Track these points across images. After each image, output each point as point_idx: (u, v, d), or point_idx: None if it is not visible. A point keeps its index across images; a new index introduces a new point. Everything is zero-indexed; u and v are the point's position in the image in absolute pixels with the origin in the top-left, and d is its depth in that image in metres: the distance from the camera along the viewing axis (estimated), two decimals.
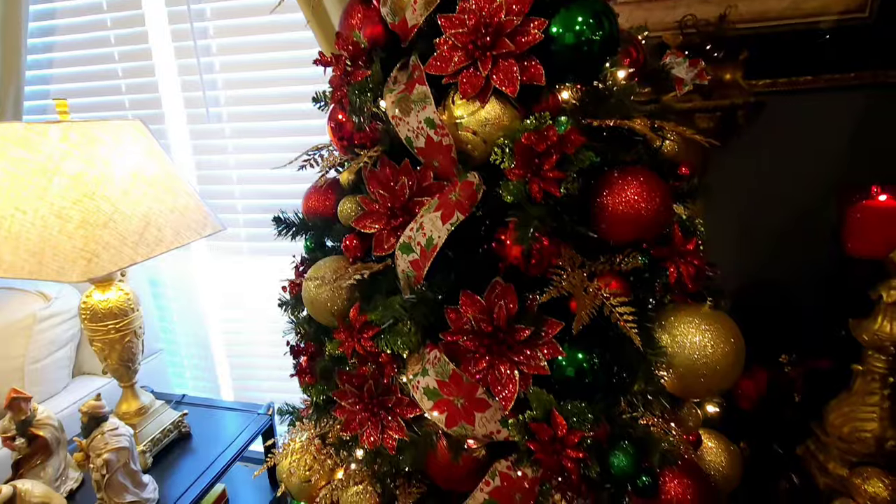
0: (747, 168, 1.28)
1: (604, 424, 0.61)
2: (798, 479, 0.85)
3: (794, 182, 1.23)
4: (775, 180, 1.25)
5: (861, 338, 0.78)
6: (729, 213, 1.32)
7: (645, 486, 0.63)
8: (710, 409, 0.83)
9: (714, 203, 1.33)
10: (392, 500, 0.73)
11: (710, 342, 0.62)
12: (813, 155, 1.21)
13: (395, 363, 0.69)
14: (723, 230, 1.34)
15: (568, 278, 0.60)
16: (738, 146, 1.27)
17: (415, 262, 0.64)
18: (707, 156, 1.30)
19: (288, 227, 0.83)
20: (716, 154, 1.30)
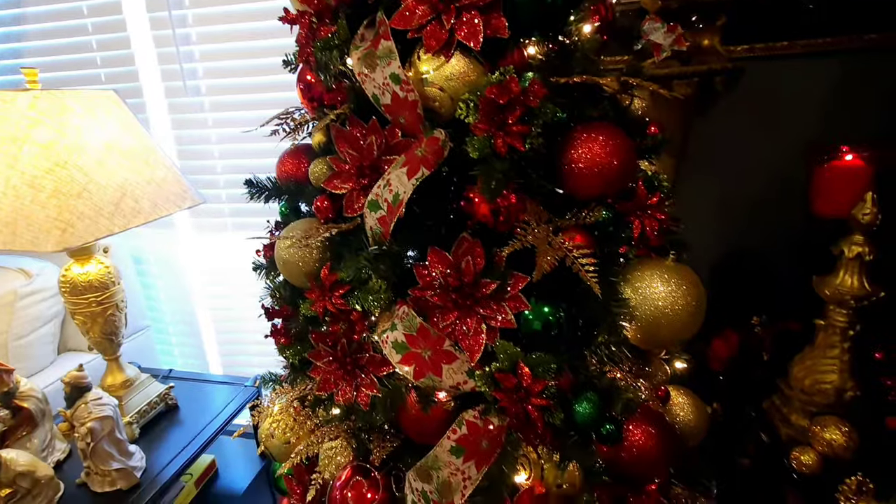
0: (726, 135, 1.28)
1: (567, 374, 0.63)
2: (763, 432, 0.88)
3: (772, 148, 1.24)
4: (753, 146, 1.26)
5: (823, 293, 0.80)
6: (709, 180, 1.33)
7: (609, 434, 0.65)
8: (679, 366, 0.85)
9: (694, 170, 1.35)
10: (367, 454, 0.75)
11: (671, 293, 0.64)
12: (790, 120, 1.22)
13: (365, 321, 0.70)
14: (703, 197, 1.35)
15: (533, 233, 0.61)
16: (717, 113, 1.28)
17: (382, 219, 0.64)
18: (688, 124, 1.31)
19: (260, 191, 0.83)
20: (696, 122, 1.31)
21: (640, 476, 0.70)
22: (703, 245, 1.36)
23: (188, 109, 1.67)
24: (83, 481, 1.16)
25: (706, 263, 1.36)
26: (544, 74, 0.63)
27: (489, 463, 0.62)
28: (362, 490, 0.72)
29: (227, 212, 1.76)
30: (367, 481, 0.73)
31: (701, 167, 1.31)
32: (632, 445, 0.66)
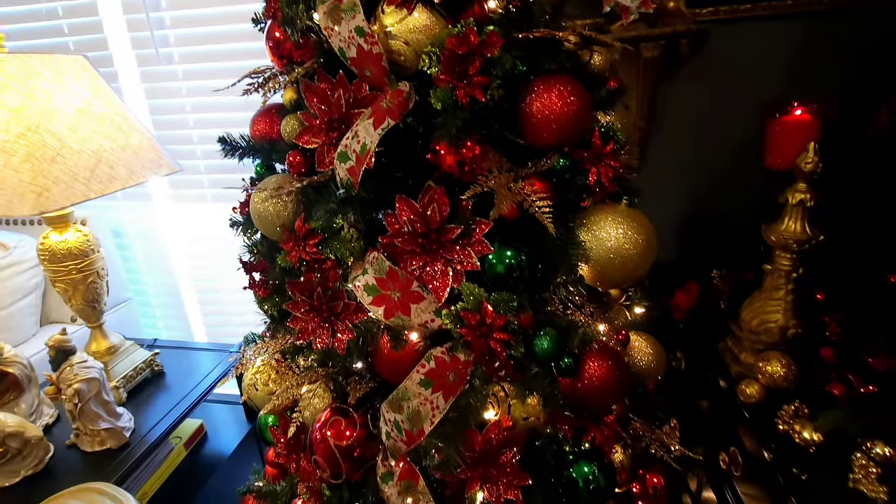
0: (692, 97, 1.32)
1: (528, 312, 0.68)
2: (716, 371, 0.95)
3: (735, 108, 1.28)
4: (717, 107, 1.30)
5: (770, 239, 0.86)
6: (677, 141, 1.37)
7: (567, 367, 0.70)
8: (638, 311, 0.91)
9: (662, 132, 1.39)
10: (344, 397, 0.79)
11: (624, 236, 0.68)
12: (752, 81, 1.26)
13: (339, 269, 0.73)
14: (672, 158, 1.40)
15: (494, 179, 0.65)
16: (684, 76, 1.31)
17: (351, 169, 0.67)
18: (656, 87, 1.35)
19: (234, 149, 0.85)
20: (663, 85, 1.35)
21: (598, 407, 0.76)
22: (671, 204, 1.42)
23: (161, 78, 1.65)
24: (73, 442, 1.20)
25: (675, 221, 1.41)
26: (504, 28, 0.66)
27: (456, 394, 0.67)
28: (340, 428, 0.77)
29: (206, 182, 1.77)
30: (346, 420, 0.77)
31: (669, 129, 1.36)
32: (589, 378, 0.72)
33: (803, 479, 0.70)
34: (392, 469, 0.74)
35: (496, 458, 0.75)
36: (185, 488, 1.41)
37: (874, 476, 0.64)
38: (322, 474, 0.78)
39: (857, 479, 0.65)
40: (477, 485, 0.75)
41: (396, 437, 0.69)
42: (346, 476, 0.77)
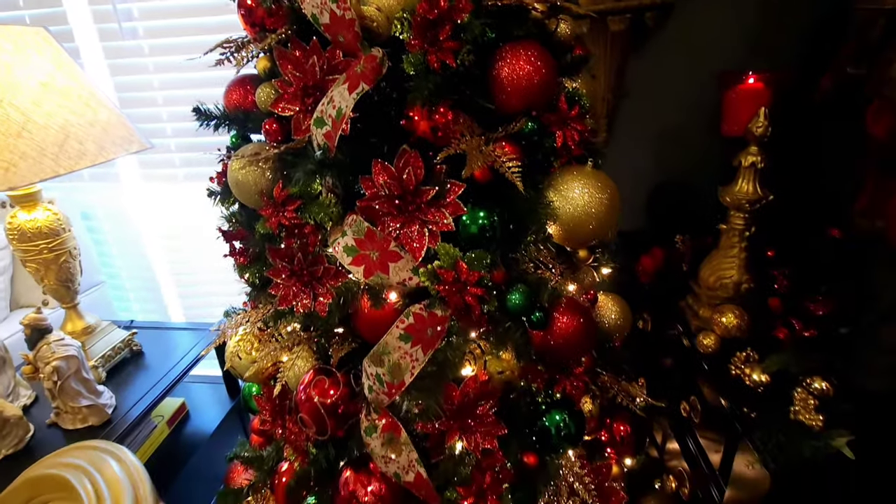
0: (658, 69, 1.37)
1: (501, 269, 0.72)
2: (678, 327, 1.02)
3: (698, 80, 1.32)
4: (682, 79, 1.34)
5: (725, 200, 0.92)
6: (645, 112, 1.42)
7: (538, 320, 0.75)
8: (605, 272, 0.96)
9: (631, 104, 1.43)
10: (327, 359, 0.82)
11: (590, 196, 0.73)
12: (714, 54, 1.31)
13: (318, 234, 0.75)
14: (640, 129, 1.45)
15: (466, 142, 0.68)
16: (650, 49, 1.36)
17: (328, 134, 0.69)
18: (624, 59, 1.39)
19: (208, 119, 0.85)
20: (631, 58, 1.39)
21: (567, 359, 0.81)
22: (638, 174, 1.48)
23: (126, 54, 1.61)
24: (53, 421, 1.20)
25: (642, 190, 1.47)
26: None
27: (434, 348, 0.71)
28: (324, 386, 0.80)
29: (177, 161, 1.74)
30: (329, 379, 0.81)
31: (635, 100, 1.41)
32: (558, 330, 0.76)
33: (752, 416, 0.77)
34: (375, 423, 0.77)
35: (474, 410, 0.80)
36: (169, 466, 1.43)
37: (812, 407, 0.72)
38: (308, 432, 0.81)
39: (798, 410, 0.73)
40: (456, 435, 0.79)
41: (378, 390, 0.73)
42: (331, 432, 0.80)
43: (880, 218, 0.67)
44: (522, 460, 0.83)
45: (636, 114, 1.42)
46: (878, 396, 0.75)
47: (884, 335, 0.75)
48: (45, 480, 0.66)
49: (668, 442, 1.23)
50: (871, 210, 0.69)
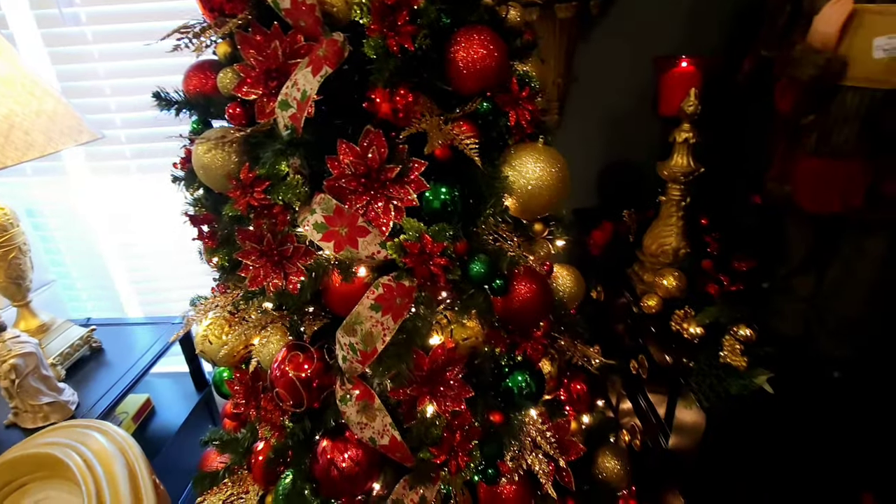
0: (603, 55, 1.45)
1: (463, 241, 0.77)
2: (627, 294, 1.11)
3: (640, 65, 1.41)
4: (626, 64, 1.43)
5: (662, 174, 1.01)
6: (593, 97, 1.50)
7: (498, 287, 0.81)
8: (559, 244, 1.03)
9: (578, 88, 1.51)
10: (299, 337, 0.86)
11: (542, 170, 0.79)
12: (655, 39, 1.40)
13: (287, 214, 0.78)
14: (590, 114, 1.53)
15: (426, 121, 0.73)
16: (595, 35, 1.44)
17: (293, 116, 0.72)
18: (571, 47, 1.46)
19: (169, 104, 0.85)
20: (579, 44, 1.46)
21: (527, 323, 0.88)
22: (589, 154, 1.57)
23: (68, 41, 1.54)
24: (12, 421, 1.16)
25: (593, 170, 1.56)
26: None
27: (403, 316, 0.76)
28: (299, 361, 0.83)
29: (128, 153, 1.69)
30: (304, 354, 0.84)
31: (584, 85, 1.49)
32: (517, 296, 0.83)
33: (690, 365, 0.87)
34: (350, 392, 0.82)
35: (442, 376, 0.85)
36: None
37: (738, 351, 0.82)
38: (284, 405, 0.84)
39: (726, 355, 0.82)
40: (427, 400, 0.85)
41: (352, 359, 0.77)
42: (307, 405, 0.83)
43: (788, 183, 0.77)
44: (489, 419, 0.89)
45: (585, 97, 1.50)
46: (792, 339, 0.86)
47: (795, 286, 0.86)
48: (24, 461, 0.66)
49: (622, 402, 1.33)
50: (780, 176, 0.79)
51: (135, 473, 0.54)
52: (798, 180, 0.75)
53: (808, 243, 0.82)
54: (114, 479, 0.52)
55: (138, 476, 0.54)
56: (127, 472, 0.53)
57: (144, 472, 0.55)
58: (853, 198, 0.68)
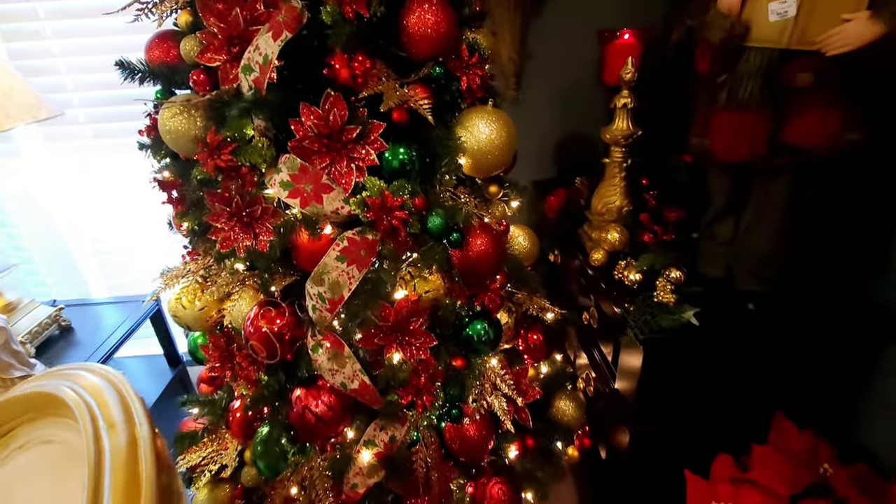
0: (556, 30, 1.52)
1: (421, 196, 0.84)
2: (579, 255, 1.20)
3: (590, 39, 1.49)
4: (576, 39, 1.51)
5: (605, 137, 1.10)
6: (548, 71, 1.58)
7: (455, 240, 0.88)
8: (514, 205, 1.11)
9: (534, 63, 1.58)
10: (269, 293, 0.91)
11: (492, 131, 0.86)
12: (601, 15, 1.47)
13: (254, 176, 0.83)
14: (545, 87, 1.61)
15: (383, 85, 0.78)
16: (548, 12, 1.51)
17: (256, 80, 0.76)
18: (526, 22, 1.53)
19: (133, 73, 0.88)
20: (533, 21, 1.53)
21: (483, 274, 0.95)
22: (545, 127, 1.65)
23: (17, 18, 1.51)
24: None
25: (549, 142, 1.65)
26: None
27: (367, 266, 0.82)
28: (271, 316, 0.88)
29: (88, 133, 1.67)
30: (276, 310, 0.89)
31: (540, 60, 1.56)
32: (473, 249, 0.90)
33: (630, 307, 0.96)
34: (321, 342, 0.88)
35: (407, 326, 0.92)
36: None
37: (669, 291, 0.92)
38: (259, 357, 0.89)
39: (659, 294, 0.93)
40: (394, 348, 0.92)
41: (321, 307, 0.83)
42: (280, 356, 0.89)
43: (707, 137, 0.87)
44: (452, 364, 0.97)
45: (540, 72, 1.58)
46: (715, 279, 0.97)
47: (717, 231, 0.96)
48: (9, 405, 0.67)
49: (580, 357, 1.44)
50: (701, 132, 0.88)
51: (126, 402, 0.58)
52: (713, 133, 0.85)
53: (726, 192, 0.92)
54: (106, 407, 0.56)
55: (129, 404, 0.58)
56: (119, 400, 0.58)
57: (135, 400, 0.59)
58: (758, 146, 0.78)
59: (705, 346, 0.93)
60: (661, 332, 0.90)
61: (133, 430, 0.56)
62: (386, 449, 0.93)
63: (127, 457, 0.53)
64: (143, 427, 0.56)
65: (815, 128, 0.74)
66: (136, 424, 0.55)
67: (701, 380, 0.97)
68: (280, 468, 0.97)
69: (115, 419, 0.54)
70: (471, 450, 1.00)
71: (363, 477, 0.94)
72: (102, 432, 0.52)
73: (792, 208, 0.84)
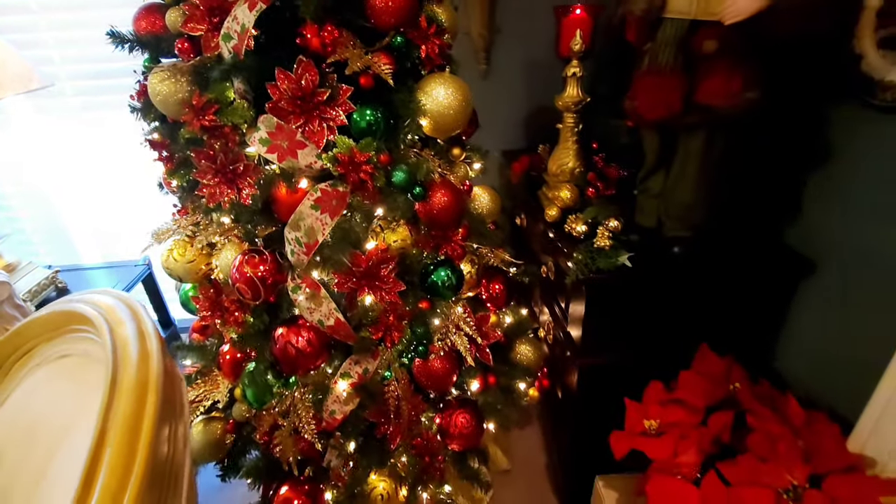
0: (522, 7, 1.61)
1: (386, 153, 0.94)
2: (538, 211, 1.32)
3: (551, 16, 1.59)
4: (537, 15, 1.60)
5: (558, 105, 1.20)
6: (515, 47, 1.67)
7: (418, 193, 0.99)
8: (476, 167, 1.22)
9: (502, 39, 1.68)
10: (253, 241, 1.01)
11: (449, 95, 0.96)
12: None
13: (236, 134, 0.93)
14: (511, 61, 1.71)
15: (350, 51, 0.88)
16: None
17: (235, 47, 0.86)
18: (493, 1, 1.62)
19: (123, 42, 0.96)
20: None
21: (446, 225, 1.07)
22: (514, 99, 1.75)
23: None
24: None
25: (521, 116, 1.75)
26: None
27: (338, 214, 0.93)
28: (255, 262, 0.99)
29: (77, 105, 1.74)
30: (259, 257, 1.00)
31: (508, 36, 1.65)
32: (435, 202, 1.01)
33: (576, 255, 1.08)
34: (300, 284, 0.99)
35: (378, 272, 1.03)
36: None
37: (607, 237, 1.05)
38: (245, 298, 1.00)
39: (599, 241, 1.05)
40: (365, 291, 1.03)
41: (299, 251, 0.94)
42: (264, 297, 1.00)
43: (635, 99, 0.98)
44: (419, 306, 1.09)
45: (508, 47, 1.67)
46: (648, 228, 1.09)
47: (650, 185, 1.08)
48: (26, 329, 0.74)
49: (543, 314, 1.57)
50: (632, 95, 1.00)
51: (139, 319, 0.67)
52: (638, 94, 0.96)
53: (656, 150, 1.04)
54: (121, 324, 0.65)
55: (142, 322, 0.67)
56: (132, 316, 0.66)
57: (146, 321, 0.68)
58: (674, 105, 0.90)
59: (639, 286, 1.06)
60: (599, 272, 1.02)
61: (145, 345, 0.64)
62: (360, 379, 1.06)
63: (139, 366, 0.61)
64: (153, 341, 0.63)
65: (720, 89, 0.85)
66: (148, 337, 0.64)
67: (637, 317, 1.10)
68: (266, 399, 1.09)
69: (128, 333, 0.63)
70: (437, 382, 1.13)
71: (340, 404, 1.06)
72: (119, 337, 0.61)
73: (707, 161, 0.96)
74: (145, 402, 0.56)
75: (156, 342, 0.61)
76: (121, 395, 0.56)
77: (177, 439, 0.62)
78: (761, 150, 1.03)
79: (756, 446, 0.84)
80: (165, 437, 0.58)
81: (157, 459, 0.55)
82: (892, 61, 0.82)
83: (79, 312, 0.66)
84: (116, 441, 0.52)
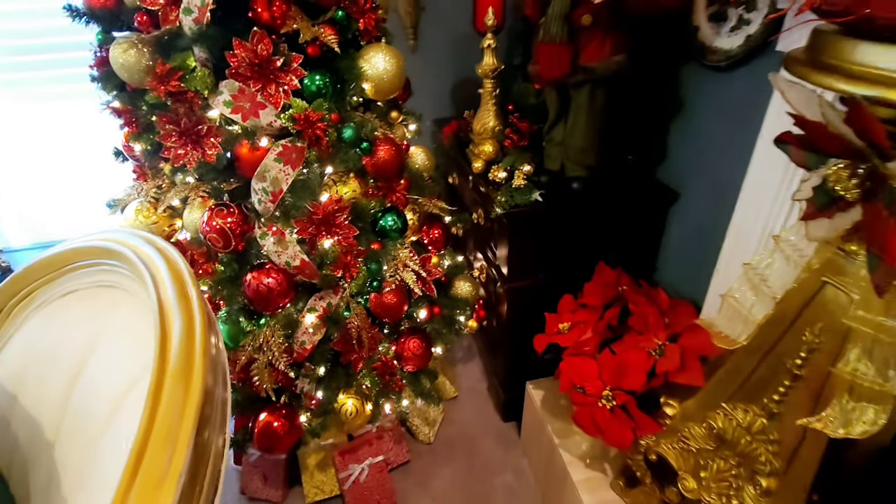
0: None
1: (336, 113, 1.11)
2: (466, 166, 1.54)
3: None
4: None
5: (478, 72, 1.42)
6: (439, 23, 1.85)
7: (365, 149, 1.17)
8: (412, 128, 1.41)
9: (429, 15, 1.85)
10: (220, 196, 1.14)
11: (386, 63, 1.14)
12: None
13: (199, 99, 1.05)
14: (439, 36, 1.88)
15: (298, 23, 1.03)
16: None
17: (196, 19, 0.97)
18: None
19: (79, 15, 1.04)
20: None
21: (390, 176, 1.25)
22: (443, 72, 1.94)
23: None
24: None
25: (448, 87, 1.94)
26: None
27: (298, 166, 1.08)
28: (223, 214, 1.12)
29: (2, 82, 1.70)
30: (227, 210, 1.13)
31: (432, 13, 1.83)
32: (380, 156, 1.19)
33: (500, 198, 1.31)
34: (266, 231, 1.13)
35: (334, 220, 1.20)
36: None
37: (522, 179, 1.29)
38: (216, 248, 1.13)
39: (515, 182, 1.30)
40: (323, 236, 1.19)
41: (266, 200, 1.09)
42: (234, 245, 1.14)
43: (536, 64, 1.22)
44: (371, 247, 1.27)
45: (434, 23, 1.85)
46: (553, 171, 1.35)
47: (553, 136, 1.34)
48: (30, 271, 0.80)
49: (477, 261, 1.80)
50: (535, 61, 1.23)
51: (168, 257, 0.63)
52: (538, 60, 1.20)
53: (555, 105, 1.29)
54: (151, 259, 0.62)
55: (166, 252, 0.63)
56: (150, 243, 0.67)
57: (184, 270, 0.62)
58: (565, 68, 1.14)
59: (549, 218, 1.31)
60: (517, 207, 1.27)
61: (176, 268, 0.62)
62: (324, 312, 1.23)
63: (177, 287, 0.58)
64: (181, 264, 0.69)
65: (595, 53, 1.11)
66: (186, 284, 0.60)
67: (550, 245, 1.37)
68: (240, 338, 1.23)
69: (152, 256, 0.67)
70: (390, 312, 1.32)
71: (309, 335, 1.23)
72: (148, 261, 0.67)
73: (592, 112, 1.22)
74: (193, 320, 0.54)
75: (184, 266, 0.68)
76: (170, 317, 0.54)
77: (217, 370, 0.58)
78: (634, 103, 1.31)
79: (635, 324, 1.12)
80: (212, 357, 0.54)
81: (206, 392, 0.52)
82: (716, 31, 1.10)
83: (86, 248, 0.76)
84: (174, 374, 0.50)
